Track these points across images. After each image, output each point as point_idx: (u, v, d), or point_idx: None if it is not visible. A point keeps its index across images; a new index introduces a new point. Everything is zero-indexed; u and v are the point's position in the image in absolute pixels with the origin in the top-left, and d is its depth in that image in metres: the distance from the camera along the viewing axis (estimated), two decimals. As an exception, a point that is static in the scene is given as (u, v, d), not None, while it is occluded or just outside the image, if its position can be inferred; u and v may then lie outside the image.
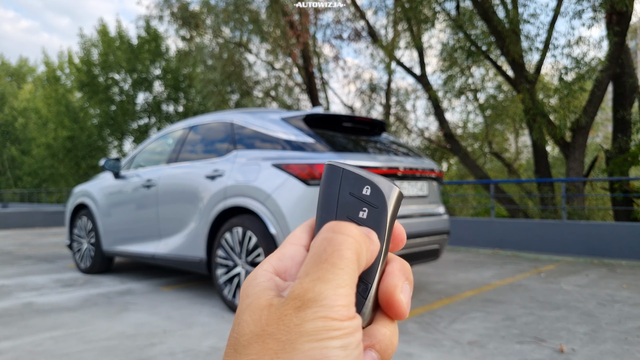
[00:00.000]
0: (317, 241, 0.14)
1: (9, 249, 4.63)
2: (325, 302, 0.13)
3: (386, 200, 0.15)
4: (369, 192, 0.15)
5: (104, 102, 13.83)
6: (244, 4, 7.80)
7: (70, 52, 15.05)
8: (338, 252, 0.14)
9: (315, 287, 0.14)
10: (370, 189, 0.15)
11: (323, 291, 0.13)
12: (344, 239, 0.14)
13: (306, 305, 0.13)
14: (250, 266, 2.03)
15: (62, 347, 1.62)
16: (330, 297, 0.13)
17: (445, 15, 6.51)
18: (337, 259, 0.14)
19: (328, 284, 0.14)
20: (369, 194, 0.15)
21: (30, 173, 17.69)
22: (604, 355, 1.52)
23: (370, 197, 0.15)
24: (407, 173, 2.15)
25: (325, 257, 0.14)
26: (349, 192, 0.16)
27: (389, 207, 0.15)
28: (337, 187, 0.16)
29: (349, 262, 0.14)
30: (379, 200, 0.15)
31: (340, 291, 0.14)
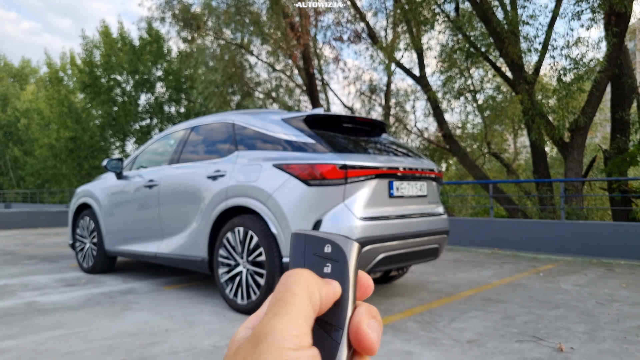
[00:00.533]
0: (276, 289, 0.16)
1: (12, 248, 4.65)
2: (277, 333, 0.15)
3: (346, 254, 0.17)
4: (330, 249, 0.17)
5: (106, 103, 13.89)
6: (245, 5, 7.84)
7: (73, 54, 15.13)
8: (290, 291, 0.16)
9: (270, 322, 0.15)
10: (331, 247, 0.17)
11: (276, 324, 0.15)
12: (295, 280, 0.16)
13: (262, 339, 0.15)
14: (252, 266, 2.05)
15: (65, 346, 1.64)
16: (282, 328, 0.15)
17: (444, 16, 6.55)
18: (289, 297, 0.16)
19: (280, 317, 0.15)
20: (330, 251, 0.17)
21: (32, 173, 17.73)
22: (603, 354, 1.54)
23: (332, 254, 0.17)
24: (406, 173, 2.17)
25: (279, 297, 0.16)
26: (313, 253, 0.17)
27: (350, 259, 0.17)
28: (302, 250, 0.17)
29: (299, 299, 0.15)
30: (340, 255, 0.17)
31: (292, 322, 0.15)
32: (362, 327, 0.16)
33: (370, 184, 2.00)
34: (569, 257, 3.92)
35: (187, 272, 3.18)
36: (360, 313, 0.17)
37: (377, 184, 2.03)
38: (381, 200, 2.05)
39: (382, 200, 2.05)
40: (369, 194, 1.99)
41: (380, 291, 2.56)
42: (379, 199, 2.04)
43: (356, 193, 1.96)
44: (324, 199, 1.91)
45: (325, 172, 1.90)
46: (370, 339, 0.16)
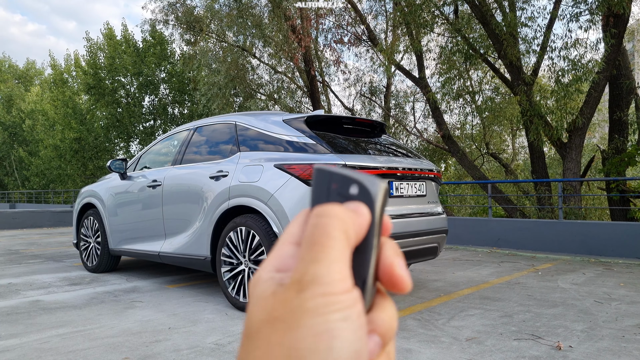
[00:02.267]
0: (307, 229, 0.16)
1: (17, 248, 4.68)
2: (321, 281, 0.14)
3: (373, 197, 0.16)
4: (357, 190, 0.16)
5: (111, 104, 13.98)
6: (247, 8, 7.91)
7: (77, 56, 15.25)
8: (326, 234, 0.15)
9: (310, 269, 0.15)
10: (358, 188, 0.16)
11: (317, 271, 0.14)
12: (329, 221, 0.15)
13: (305, 287, 0.14)
14: (254, 264, 2.08)
15: (69, 344, 1.66)
16: (325, 275, 0.14)
17: (443, 19, 6.60)
18: (326, 240, 0.15)
19: (321, 263, 0.15)
20: (357, 192, 0.16)
21: (37, 174, 17.78)
22: (601, 353, 1.55)
23: (358, 196, 0.16)
24: (406, 173, 2.20)
25: (315, 240, 0.15)
26: (337, 193, 0.16)
27: (376, 201, 0.16)
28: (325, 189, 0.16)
29: (337, 241, 0.15)
30: (367, 198, 0.16)
31: (334, 267, 0.15)
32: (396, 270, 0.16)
33: None
34: (567, 256, 3.93)
35: (190, 271, 3.20)
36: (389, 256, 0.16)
37: (377, 183, 2.06)
38: (381, 199, 2.07)
39: None
40: (368, 194, 2.02)
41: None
42: (379, 198, 2.06)
43: None
44: None
45: (326, 172, 1.93)
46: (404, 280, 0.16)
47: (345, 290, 0.15)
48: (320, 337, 0.14)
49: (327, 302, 0.14)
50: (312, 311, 0.14)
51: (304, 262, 0.15)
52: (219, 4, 8.41)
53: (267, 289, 0.15)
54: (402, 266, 0.16)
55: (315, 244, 0.15)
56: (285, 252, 0.16)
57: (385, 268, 0.16)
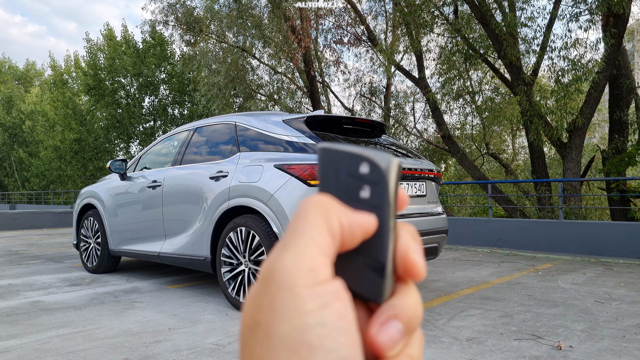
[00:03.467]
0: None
1: (17, 249, 4.68)
2: (287, 269, 0.12)
3: (385, 175, 0.14)
4: (368, 169, 0.14)
5: (111, 105, 14.01)
6: (247, 9, 7.93)
7: (77, 56, 15.29)
8: (301, 218, 0.13)
9: (279, 257, 0.13)
10: (369, 166, 0.14)
11: (284, 258, 0.12)
12: (307, 206, 0.14)
13: (272, 276, 0.12)
14: (254, 265, 2.08)
15: (69, 345, 1.66)
16: (292, 262, 0.12)
17: (443, 19, 6.61)
18: (299, 224, 0.13)
19: (289, 249, 0.12)
20: (368, 171, 0.14)
21: (37, 175, 17.80)
22: (602, 353, 1.55)
23: (369, 175, 0.14)
24: (406, 173, 2.20)
25: (290, 226, 0.13)
26: (347, 173, 0.15)
27: (390, 181, 0.14)
28: (333, 170, 0.15)
29: (311, 225, 0.13)
30: (379, 176, 0.14)
31: (304, 253, 0.12)
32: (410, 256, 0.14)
33: None
34: (567, 256, 3.92)
35: (190, 272, 3.20)
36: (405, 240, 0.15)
37: (377, 184, 2.06)
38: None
39: None
40: (368, 194, 2.02)
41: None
42: (379, 198, 2.06)
43: None
44: None
45: (326, 173, 1.93)
46: (419, 266, 0.14)
47: (314, 282, 0.12)
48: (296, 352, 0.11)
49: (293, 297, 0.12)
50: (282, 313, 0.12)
51: (276, 249, 0.13)
52: (218, 5, 8.42)
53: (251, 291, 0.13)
54: (418, 251, 0.15)
55: (289, 230, 0.13)
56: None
57: (400, 252, 0.14)
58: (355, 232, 0.14)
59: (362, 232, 0.14)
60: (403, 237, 0.15)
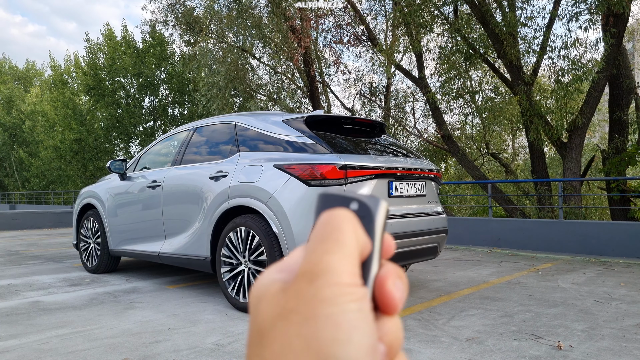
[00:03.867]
0: (317, 226, 0.16)
1: (17, 249, 4.68)
2: (335, 270, 0.14)
3: (372, 211, 0.16)
4: (357, 206, 0.16)
5: (111, 105, 14.03)
6: (246, 9, 7.92)
7: (77, 56, 15.29)
8: (338, 229, 0.15)
9: (323, 259, 0.14)
10: (358, 204, 0.16)
11: (331, 261, 0.14)
12: (341, 219, 0.15)
13: (318, 275, 0.14)
14: (254, 265, 2.08)
15: (68, 345, 1.65)
16: (338, 265, 0.14)
17: (443, 19, 6.61)
18: (338, 234, 0.15)
19: (334, 255, 0.14)
20: (357, 208, 0.16)
21: (37, 175, 17.84)
22: (602, 352, 1.55)
23: (358, 210, 0.16)
24: (406, 173, 2.20)
25: (327, 235, 0.15)
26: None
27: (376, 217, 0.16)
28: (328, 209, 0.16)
29: (349, 237, 0.15)
30: (366, 212, 0.16)
31: (347, 260, 0.15)
32: (387, 285, 0.16)
33: (369, 184, 2.03)
34: (567, 256, 3.93)
35: (190, 272, 3.21)
36: (387, 271, 0.16)
37: (377, 183, 2.06)
38: (380, 199, 2.08)
39: None
40: (368, 194, 2.02)
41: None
42: (379, 198, 2.07)
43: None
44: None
45: (326, 173, 1.93)
46: (394, 297, 0.16)
47: (357, 284, 0.15)
48: (340, 327, 0.14)
49: (342, 291, 0.14)
50: (328, 300, 0.14)
51: (316, 253, 0.15)
52: (218, 5, 8.42)
53: (273, 287, 0.15)
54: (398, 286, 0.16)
55: (327, 238, 0.15)
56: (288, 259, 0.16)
57: (379, 283, 0.16)
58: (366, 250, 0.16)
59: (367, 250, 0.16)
60: (386, 270, 0.16)
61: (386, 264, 0.17)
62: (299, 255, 0.16)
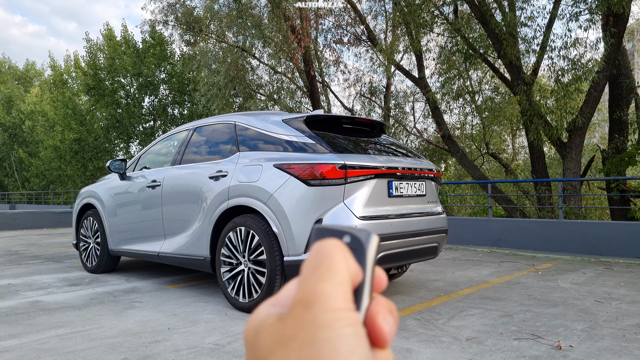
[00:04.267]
0: (309, 256, 0.16)
1: (17, 249, 4.68)
2: (329, 297, 0.15)
3: (364, 244, 0.17)
4: (349, 239, 0.17)
5: (110, 105, 14.04)
6: (246, 9, 7.93)
7: (77, 56, 15.30)
8: (329, 257, 0.16)
9: (317, 286, 0.15)
10: (350, 238, 0.17)
11: (325, 288, 0.15)
12: (332, 249, 0.16)
13: (313, 302, 0.15)
14: (253, 264, 2.08)
15: (68, 344, 1.65)
16: (332, 292, 0.15)
17: (443, 19, 6.61)
18: (330, 263, 0.16)
19: (327, 282, 0.15)
20: (349, 241, 0.17)
21: (37, 175, 17.83)
22: (602, 352, 1.55)
23: (351, 243, 0.17)
24: (405, 173, 2.20)
25: (319, 263, 0.16)
26: None
27: (368, 249, 0.17)
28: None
29: (340, 266, 0.16)
30: (358, 245, 0.17)
31: (340, 287, 0.15)
32: (377, 320, 0.16)
33: (369, 184, 2.03)
34: (567, 256, 3.93)
35: (189, 271, 3.21)
36: (378, 305, 0.17)
37: (377, 183, 2.06)
38: (381, 199, 2.08)
39: (382, 200, 2.08)
40: (368, 194, 2.02)
41: (380, 290, 2.58)
42: (379, 198, 2.07)
43: (356, 192, 1.99)
44: (324, 199, 1.94)
45: (326, 172, 1.93)
46: (384, 331, 0.16)
47: (351, 309, 0.15)
48: (339, 351, 0.14)
49: (338, 316, 0.15)
50: (325, 326, 0.14)
51: (309, 282, 0.15)
52: (218, 5, 8.42)
53: (270, 319, 0.16)
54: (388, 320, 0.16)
55: (320, 267, 0.16)
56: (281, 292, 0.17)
57: (369, 316, 0.16)
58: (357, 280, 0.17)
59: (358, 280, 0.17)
60: (377, 304, 0.17)
61: (377, 297, 0.17)
62: (291, 289, 0.17)
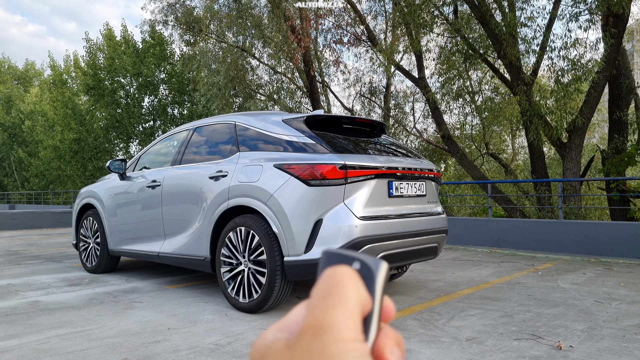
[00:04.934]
0: (319, 283, 0.16)
1: (17, 249, 4.67)
2: (339, 326, 0.15)
3: (373, 271, 0.17)
4: (359, 266, 0.17)
5: (110, 105, 14.05)
6: (246, 9, 7.93)
7: (77, 56, 15.32)
8: (341, 285, 0.16)
9: (327, 314, 0.15)
10: (360, 264, 0.17)
11: (335, 316, 0.15)
12: (343, 276, 0.16)
13: (322, 330, 0.15)
14: (253, 264, 2.08)
15: (68, 345, 1.65)
16: (342, 321, 0.15)
17: (443, 19, 6.61)
18: (341, 290, 0.15)
19: (338, 310, 0.15)
20: (359, 267, 0.17)
21: (37, 175, 17.83)
22: (602, 353, 1.55)
23: (360, 270, 0.17)
24: (406, 173, 2.20)
25: (330, 291, 0.16)
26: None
27: (377, 277, 0.16)
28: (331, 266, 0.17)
29: (352, 294, 0.16)
30: (368, 272, 0.16)
31: (350, 316, 0.15)
32: (385, 353, 0.16)
33: (369, 184, 2.03)
34: (567, 256, 3.93)
35: (189, 272, 3.20)
36: (386, 337, 0.16)
37: (377, 183, 2.06)
38: (381, 199, 2.08)
39: (382, 200, 2.08)
40: (368, 194, 2.02)
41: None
42: (379, 198, 2.07)
43: (356, 193, 1.99)
44: (324, 199, 1.94)
45: (326, 172, 1.93)
46: None
47: (360, 340, 0.15)
48: None
49: (347, 347, 0.15)
50: (334, 355, 0.14)
51: (319, 309, 0.15)
52: (218, 5, 8.42)
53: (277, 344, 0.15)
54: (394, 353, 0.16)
55: (331, 294, 0.16)
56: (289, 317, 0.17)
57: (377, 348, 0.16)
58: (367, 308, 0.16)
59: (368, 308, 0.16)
60: (385, 336, 0.17)
61: (385, 328, 0.17)
62: (299, 314, 0.17)
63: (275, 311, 2.11)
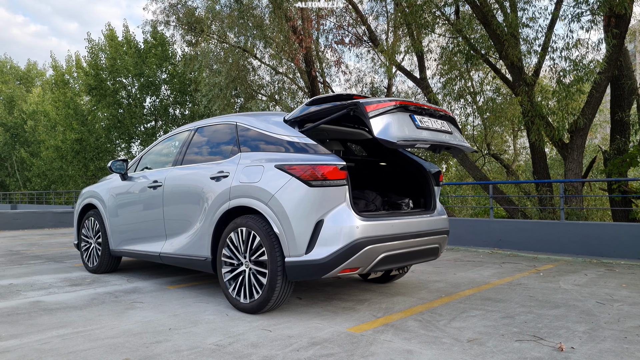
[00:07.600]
0: None
1: (18, 249, 4.69)
2: None
3: None
4: None
5: (112, 105, 14.13)
6: (248, 9, 7.95)
7: (79, 57, 15.41)
8: None
9: None
10: None
11: None
12: None
13: None
14: (254, 265, 2.08)
15: (69, 345, 1.66)
16: None
17: (444, 19, 6.61)
18: None
19: None
20: None
21: (39, 175, 17.95)
22: (603, 354, 1.54)
23: None
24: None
25: None
26: None
27: None
28: None
29: None
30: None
31: None
32: None
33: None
34: (568, 257, 3.92)
35: (190, 272, 3.21)
36: None
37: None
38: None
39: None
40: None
41: (381, 290, 2.57)
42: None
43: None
44: (326, 200, 1.94)
45: (327, 173, 1.93)
46: None
47: None
48: None
49: None
50: None
51: None
52: (219, 5, 8.44)
53: None
54: None
55: None
56: None
57: None
58: None
59: None
60: None
61: None
62: None
63: (276, 312, 2.12)
